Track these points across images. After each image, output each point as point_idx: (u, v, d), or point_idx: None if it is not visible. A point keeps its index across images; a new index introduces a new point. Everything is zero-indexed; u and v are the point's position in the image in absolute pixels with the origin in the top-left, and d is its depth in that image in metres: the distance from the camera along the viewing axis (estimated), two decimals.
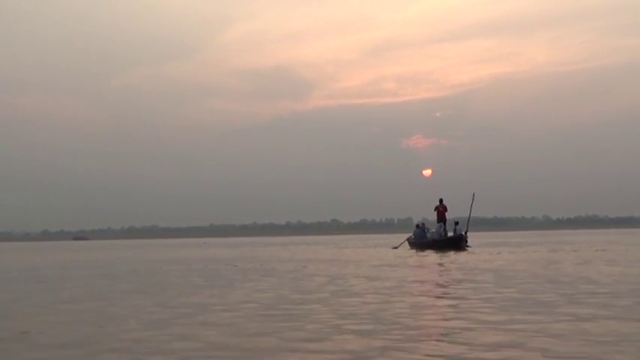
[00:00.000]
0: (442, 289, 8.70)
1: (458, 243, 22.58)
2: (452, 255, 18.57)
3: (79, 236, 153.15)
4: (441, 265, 14.28)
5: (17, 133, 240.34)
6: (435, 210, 24.05)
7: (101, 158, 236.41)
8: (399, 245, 25.70)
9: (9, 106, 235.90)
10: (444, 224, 23.82)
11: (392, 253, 21.13)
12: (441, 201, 24.05)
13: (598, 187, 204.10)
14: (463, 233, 23.18)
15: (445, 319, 5.79)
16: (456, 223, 24.02)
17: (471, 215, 23.84)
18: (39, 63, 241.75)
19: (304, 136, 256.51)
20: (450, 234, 23.60)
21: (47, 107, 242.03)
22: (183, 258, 22.18)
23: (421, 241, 24.33)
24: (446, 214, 23.91)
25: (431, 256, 18.27)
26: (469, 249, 23.08)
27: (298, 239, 71.07)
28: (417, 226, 25.31)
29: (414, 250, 23.04)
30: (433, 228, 24.51)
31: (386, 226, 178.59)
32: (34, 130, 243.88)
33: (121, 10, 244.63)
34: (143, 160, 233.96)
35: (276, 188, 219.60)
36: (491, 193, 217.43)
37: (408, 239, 25.71)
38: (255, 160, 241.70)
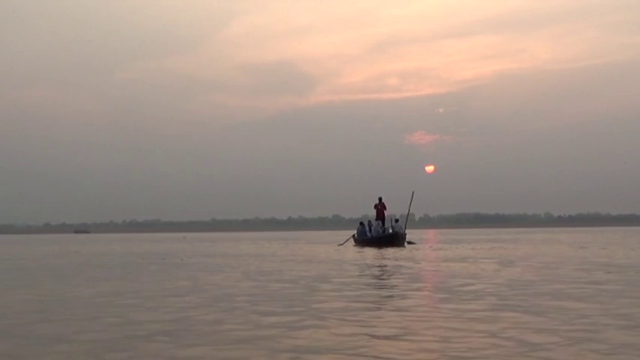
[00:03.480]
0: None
1: (394, 240, 23.46)
2: (381, 251, 19.45)
3: (80, 229, 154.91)
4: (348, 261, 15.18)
5: (20, 126, 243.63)
6: (374, 208, 24.96)
7: (104, 151, 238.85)
8: (344, 242, 26.59)
9: (12, 99, 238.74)
10: (383, 222, 24.72)
11: (329, 250, 21.99)
12: (380, 199, 24.97)
13: (600, 184, 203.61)
14: (400, 231, 24.09)
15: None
16: (396, 221, 24.95)
17: (410, 211, 25.01)
18: (42, 56, 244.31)
19: (307, 132, 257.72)
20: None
21: (50, 100, 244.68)
22: (138, 252, 23.24)
23: (363, 238, 25.23)
24: (385, 212, 24.82)
25: (351, 252, 19.16)
26: (412, 245, 23.95)
27: (287, 235, 72.10)
28: (361, 223, 26.18)
29: (357, 247, 23.90)
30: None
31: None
32: (37, 123, 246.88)
33: (125, 4, 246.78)
34: (146, 154, 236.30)
35: (279, 183, 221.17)
36: (493, 190, 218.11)
37: (352, 236, 26.58)
38: (258, 155, 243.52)
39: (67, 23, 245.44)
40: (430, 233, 68.46)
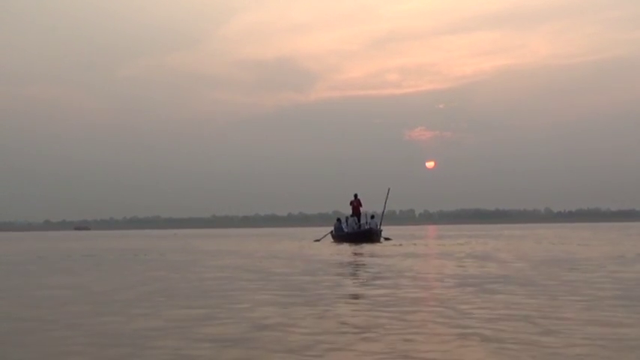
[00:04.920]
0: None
1: (369, 236, 23.69)
2: (353, 247, 19.76)
3: (81, 226, 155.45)
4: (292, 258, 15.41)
5: (21, 123, 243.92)
6: (350, 204, 25.16)
7: (104, 149, 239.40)
8: (321, 238, 26.78)
9: (13, 96, 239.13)
10: (359, 218, 24.90)
11: (304, 246, 22.26)
12: (355, 196, 25.16)
13: (600, 180, 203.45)
14: (374, 227, 24.30)
15: None
16: (372, 217, 25.14)
17: (386, 209, 25.15)
18: (44, 54, 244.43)
19: (307, 128, 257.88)
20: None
21: (51, 98, 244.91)
22: (108, 248, 23.48)
23: (340, 234, 25.44)
24: (360, 208, 25.01)
25: (311, 249, 19.40)
26: (389, 241, 24.12)
27: (283, 231, 72.35)
28: (338, 219, 26.33)
29: (334, 243, 24.14)
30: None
31: (387, 218, 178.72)
32: (38, 120, 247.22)
33: (125, 1, 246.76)
34: (146, 151, 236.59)
35: (279, 180, 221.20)
36: (493, 186, 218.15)
37: (330, 232, 26.77)
38: (258, 152, 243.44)
39: (68, 21, 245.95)
40: (427, 229, 68.69)
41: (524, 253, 15.05)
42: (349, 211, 25.35)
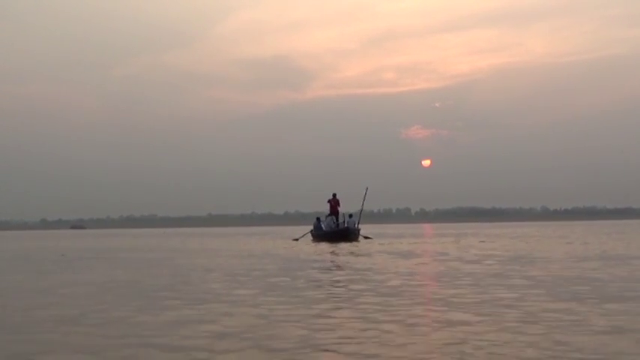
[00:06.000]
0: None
1: (346, 234, 23.95)
2: (329, 246, 20.10)
3: (77, 225, 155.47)
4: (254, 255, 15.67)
5: (17, 122, 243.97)
6: (328, 203, 25.45)
7: (101, 147, 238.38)
8: (300, 237, 26.95)
9: (9, 95, 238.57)
10: (336, 217, 25.15)
11: (283, 245, 22.51)
12: (334, 195, 25.45)
13: (597, 178, 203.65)
14: (352, 226, 24.60)
15: None
16: (350, 216, 25.42)
17: (363, 208, 25.45)
18: (40, 53, 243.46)
19: (303, 126, 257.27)
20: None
21: (47, 97, 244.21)
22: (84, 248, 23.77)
23: (318, 233, 25.70)
24: (338, 207, 25.28)
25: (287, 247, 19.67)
26: (367, 240, 24.36)
27: (276, 229, 72.64)
28: (317, 219, 26.59)
29: (313, 242, 24.40)
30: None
31: (384, 217, 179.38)
32: (34, 119, 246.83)
33: (122, 0, 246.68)
34: (142, 150, 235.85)
35: (275, 178, 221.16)
36: (489, 184, 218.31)
37: (310, 231, 26.99)
38: (255, 150, 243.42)
39: (64, 20, 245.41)
40: (421, 228, 68.98)
41: (489, 251, 15.31)
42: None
